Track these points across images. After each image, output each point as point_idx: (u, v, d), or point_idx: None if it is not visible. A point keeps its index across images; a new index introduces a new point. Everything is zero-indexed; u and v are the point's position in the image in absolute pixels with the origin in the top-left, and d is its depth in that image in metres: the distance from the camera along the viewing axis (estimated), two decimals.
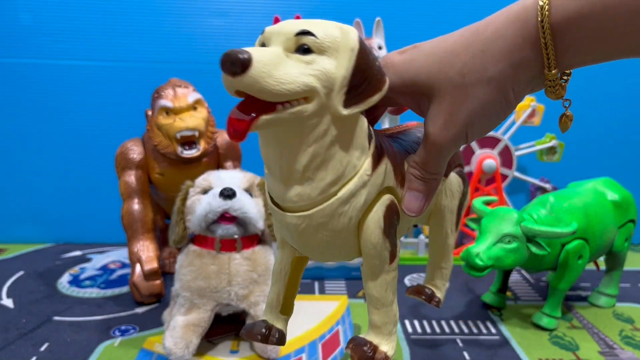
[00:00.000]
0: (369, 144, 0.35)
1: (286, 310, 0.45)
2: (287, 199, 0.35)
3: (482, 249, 0.74)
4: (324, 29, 0.32)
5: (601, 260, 0.98)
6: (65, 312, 0.87)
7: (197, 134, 0.89)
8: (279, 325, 0.44)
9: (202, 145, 0.90)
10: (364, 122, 0.35)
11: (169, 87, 0.90)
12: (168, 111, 0.89)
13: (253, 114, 0.32)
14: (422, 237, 1.16)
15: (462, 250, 0.88)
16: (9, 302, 0.90)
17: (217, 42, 1.22)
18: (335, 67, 0.32)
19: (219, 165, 1.00)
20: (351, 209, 0.35)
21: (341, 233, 0.36)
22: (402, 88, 0.33)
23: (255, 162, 1.17)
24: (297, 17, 0.91)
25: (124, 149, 0.94)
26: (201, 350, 0.74)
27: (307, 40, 0.31)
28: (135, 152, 0.94)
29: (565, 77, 0.31)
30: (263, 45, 0.34)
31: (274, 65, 0.30)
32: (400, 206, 0.38)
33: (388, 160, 0.36)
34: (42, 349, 0.74)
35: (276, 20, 0.90)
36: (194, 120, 0.88)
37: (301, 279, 0.45)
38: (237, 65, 0.29)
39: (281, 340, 0.44)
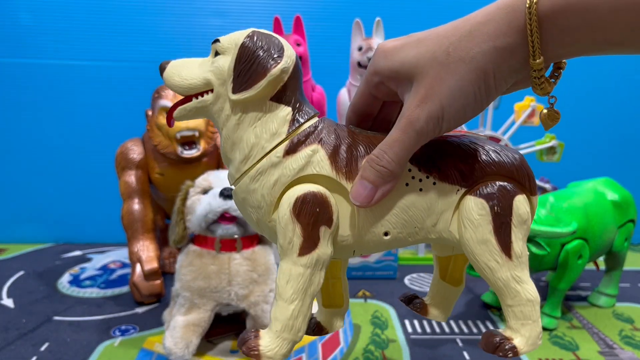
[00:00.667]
0: (289, 131, 0.38)
1: (328, 303, 0.47)
2: (228, 179, 0.42)
3: None
4: (230, 36, 0.40)
5: (601, 260, 0.98)
6: (65, 312, 0.87)
7: (197, 134, 0.89)
8: (320, 317, 0.47)
9: (202, 146, 0.91)
10: (278, 110, 0.39)
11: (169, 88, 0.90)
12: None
13: (176, 104, 0.41)
14: None
15: None
16: (9, 302, 0.90)
17: None
18: (226, 61, 0.39)
19: (218, 165, 1.00)
20: (261, 187, 0.38)
21: (259, 209, 0.39)
22: (390, 72, 0.33)
23: None
24: (298, 18, 0.91)
25: (124, 149, 0.94)
26: (201, 350, 0.74)
27: (215, 46, 0.40)
28: (136, 152, 0.94)
29: (555, 74, 0.32)
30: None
31: (183, 67, 0.41)
32: (343, 203, 0.38)
33: (321, 149, 0.38)
34: (42, 348, 0.74)
35: (276, 21, 0.90)
36: (194, 120, 0.88)
37: (340, 277, 0.47)
38: (159, 68, 0.42)
39: (316, 330, 0.46)
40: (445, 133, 0.34)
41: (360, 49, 0.91)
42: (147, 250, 0.91)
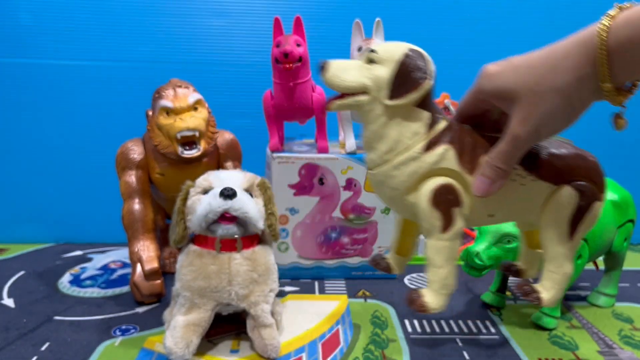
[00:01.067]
0: (429, 131, 0.50)
1: (401, 252, 0.64)
2: (366, 161, 0.55)
3: (481, 248, 0.74)
4: (386, 49, 0.51)
5: (600, 260, 0.98)
6: (65, 311, 0.87)
7: (197, 134, 0.89)
8: (392, 260, 0.64)
9: (202, 146, 0.91)
10: (419, 114, 0.50)
11: (169, 88, 0.90)
12: (168, 111, 0.89)
13: (333, 97, 0.53)
14: (421, 236, 1.16)
15: (461, 250, 0.89)
16: (9, 302, 0.91)
17: (218, 43, 1.22)
18: (384, 72, 0.50)
19: (219, 166, 1.01)
20: (401, 174, 0.51)
21: (396, 190, 0.52)
22: (494, 92, 0.43)
23: (256, 162, 1.19)
24: (298, 18, 0.91)
25: (124, 149, 0.95)
26: (201, 349, 0.74)
27: (371, 55, 0.51)
28: (136, 152, 0.94)
29: (632, 89, 0.40)
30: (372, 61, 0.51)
31: (343, 70, 0.51)
32: (463, 190, 0.50)
33: (451, 148, 0.50)
34: (43, 348, 0.75)
35: (276, 21, 0.90)
36: (195, 120, 0.88)
37: (415, 233, 0.63)
38: (318, 68, 0.52)
39: (386, 269, 0.64)
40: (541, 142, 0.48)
41: (360, 49, 0.92)
42: (147, 250, 0.91)
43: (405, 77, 0.49)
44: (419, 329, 0.82)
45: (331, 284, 1.02)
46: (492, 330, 0.83)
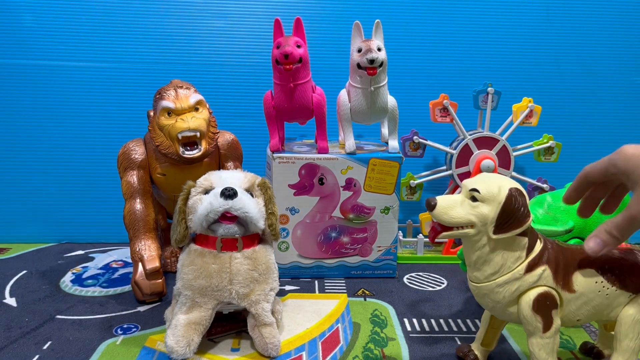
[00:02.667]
0: (527, 255, 0.58)
1: (485, 343, 0.70)
2: (470, 277, 0.62)
3: None
4: (488, 189, 0.56)
5: None
6: (67, 310, 0.88)
7: (198, 134, 0.89)
8: (477, 352, 0.70)
9: (203, 146, 0.91)
10: (522, 241, 0.58)
11: (170, 88, 0.91)
12: (170, 112, 0.89)
13: (440, 230, 0.59)
14: (420, 236, 1.17)
15: (459, 249, 0.89)
16: (12, 301, 0.91)
17: (219, 44, 1.23)
18: (489, 211, 0.56)
19: (220, 166, 1.01)
20: (504, 291, 0.58)
21: (499, 303, 0.60)
22: (625, 170, 0.47)
23: (256, 162, 1.19)
24: (298, 20, 0.92)
25: (126, 149, 0.95)
26: (202, 348, 0.74)
27: (474, 194, 0.57)
28: (137, 152, 0.95)
29: None
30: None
31: (450, 207, 0.57)
32: (555, 295, 0.58)
33: (547, 268, 0.58)
34: (45, 347, 0.75)
35: (277, 23, 0.91)
36: (196, 121, 0.89)
37: (500, 327, 0.69)
38: (427, 206, 0.58)
39: None
40: None
41: (359, 50, 0.92)
42: (148, 250, 0.92)
43: (509, 216, 0.55)
44: (418, 328, 0.83)
45: (331, 283, 1.02)
46: None
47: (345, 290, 0.98)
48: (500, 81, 1.19)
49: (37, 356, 0.72)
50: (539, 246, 0.59)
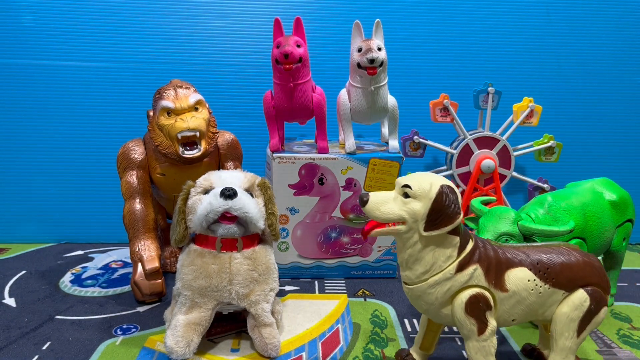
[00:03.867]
0: (459, 254, 0.58)
1: (424, 348, 0.69)
2: (403, 277, 0.62)
3: None
4: (419, 185, 0.57)
5: (599, 259, 0.98)
6: (67, 311, 0.88)
7: (198, 134, 0.89)
8: (416, 356, 0.70)
9: (203, 146, 0.91)
10: (453, 240, 0.58)
11: (170, 88, 0.91)
12: (169, 112, 0.89)
13: (372, 226, 0.59)
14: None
15: None
16: (11, 302, 0.91)
17: (219, 44, 1.23)
18: (420, 207, 0.56)
19: (219, 166, 1.01)
20: (436, 292, 0.58)
21: (432, 305, 0.59)
22: None
23: (256, 162, 1.19)
24: (298, 19, 0.91)
25: (125, 149, 0.95)
26: (202, 348, 0.74)
27: (406, 190, 0.57)
28: (137, 152, 0.95)
29: None
30: None
31: (380, 202, 0.57)
32: (488, 297, 0.58)
33: (479, 267, 0.58)
34: (44, 347, 0.75)
35: (277, 22, 0.91)
36: (195, 120, 0.89)
37: (439, 330, 0.69)
38: (360, 201, 0.58)
39: None
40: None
41: (359, 50, 0.92)
42: (148, 250, 0.91)
43: (439, 213, 0.55)
44: (418, 329, 0.83)
45: (331, 284, 1.02)
46: None
47: (345, 291, 0.98)
48: (501, 81, 1.19)
49: (36, 356, 0.72)
50: (470, 245, 0.59)
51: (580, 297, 0.60)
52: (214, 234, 0.72)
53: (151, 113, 0.93)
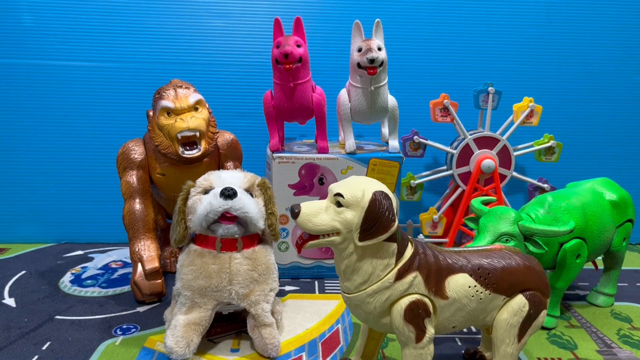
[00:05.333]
0: (397, 262, 0.55)
1: (366, 356, 0.67)
2: (341, 287, 0.59)
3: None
4: (352, 193, 0.54)
5: (599, 259, 0.98)
6: (67, 311, 0.88)
7: (198, 134, 0.89)
8: None
9: (203, 146, 0.91)
10: (390, 247, 0.55)
11: (170, 88, 0.91)
12: (169, 112, 0.89)
13: (306, 239, 0.56)
14: (421, 236, 1.16)
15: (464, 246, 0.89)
16: (11, 302, 0.91)
17: (218, 43, 1.23)
18: (353, 216, 0.53)
19: (219, 166, 1.01)
20: (375, 301, 0.56)
21: (370, 314, 0.57)
22: None
23: (256, 162, 1.19)
24: (298, 19, 0.91)
25: (125, 149, 0.95)
26: (202, 348, 0.74)
27: (338, 198, 0.54)
28: (137, 152, 0.95)
29: None
30: None
31: (312, 214, 0.54)
32: (427, 304, 0.56)
33: (419, 275, 0.56)
34: (44, 347, 0.75)
35: (277, 22, 0.91)
36: (195, 120, 0.89)
37: (380, 338, 0.67)
38: (291, 213, 0.55)
39: None
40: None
41: (359, 50, 0.92)
42: (148, 250, 0.91)
43: (373, 221, 0.53)
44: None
45: (331, 284, 1.02)
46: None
47: None
48: (501, 81, 1.19)
49: (36, 356, 0.72)
50: (409, 252, 0.57)
51: (519, 303, 0.59)
52: (214, 234, 0.72)
53: (151, 113, 0.93)
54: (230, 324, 0.82)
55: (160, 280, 0.91)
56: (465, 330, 0.82)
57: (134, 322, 0.84)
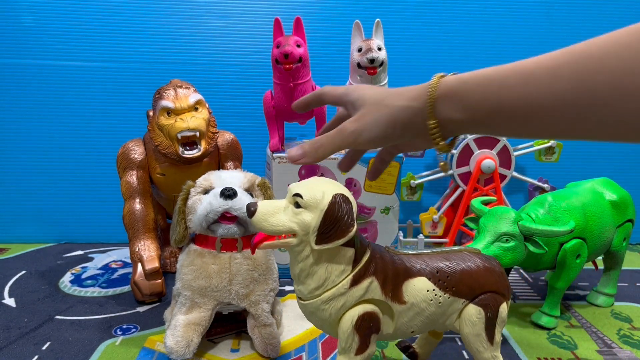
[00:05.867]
0: (353, 268, 0.53)
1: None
2: (296, 292, 0.56)
3: (480, 247, 0.74)
4: (311, 195, 0.51)
5: (599, 259, 0.98)
6: (66, 311, 0.88)
7: (198, 134, 0.89)
8: None
9: (203, 146, 0.91)
10: (347, 252, 0.53)
11: (170, 88, 0.91)
12: (169, 112, 0.89)
13: (261, 239, 0.53)
14: (421, 236, 1.16)
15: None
16: (10, 302, 0.91)
17: (218, 43, 1.23)
18: (311, 218, 0.51)
19: (219, 166, 1.01)
20: (330, 308, 0.53)
21: (326, 321, 0.55)
22: (354, 99, 0.48)
23: (256, 162, 1.19)
24: (298, 19, 0.91)
25: (125, 149, 0.95)
26: (202, 349, 0.74)
27: (297, 199, 0.51)
28: (137, 152, 0.95)
29: (452, 142, 0.46)
30: None
31: (268, 214, 0.51)
32: (389, 314, 0.55)
33: (375, 280, 0.54)
34: (44, 348, 0.75)
35: (277, 22, 0.91)
36: (195, 120, 0.89)
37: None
38: (247, 212, 0.52)
39: None
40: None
41: (360, 50, 0.92)
42: (148, 250, 0.91)
43: (331, 225, 0.51)
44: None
45: None
46: None
47: None
48: None
49: (36, 357, 0.72)
50: (366, 257, 0.55)
51: (473, 313, 0.57)
52: (213, 234, 0.72)
53: (151, 113, 0.93)
54: (230, 324, 0.82)
55: (160, 280, 0.91)
56: None
57: (134, 322, 0.84)
